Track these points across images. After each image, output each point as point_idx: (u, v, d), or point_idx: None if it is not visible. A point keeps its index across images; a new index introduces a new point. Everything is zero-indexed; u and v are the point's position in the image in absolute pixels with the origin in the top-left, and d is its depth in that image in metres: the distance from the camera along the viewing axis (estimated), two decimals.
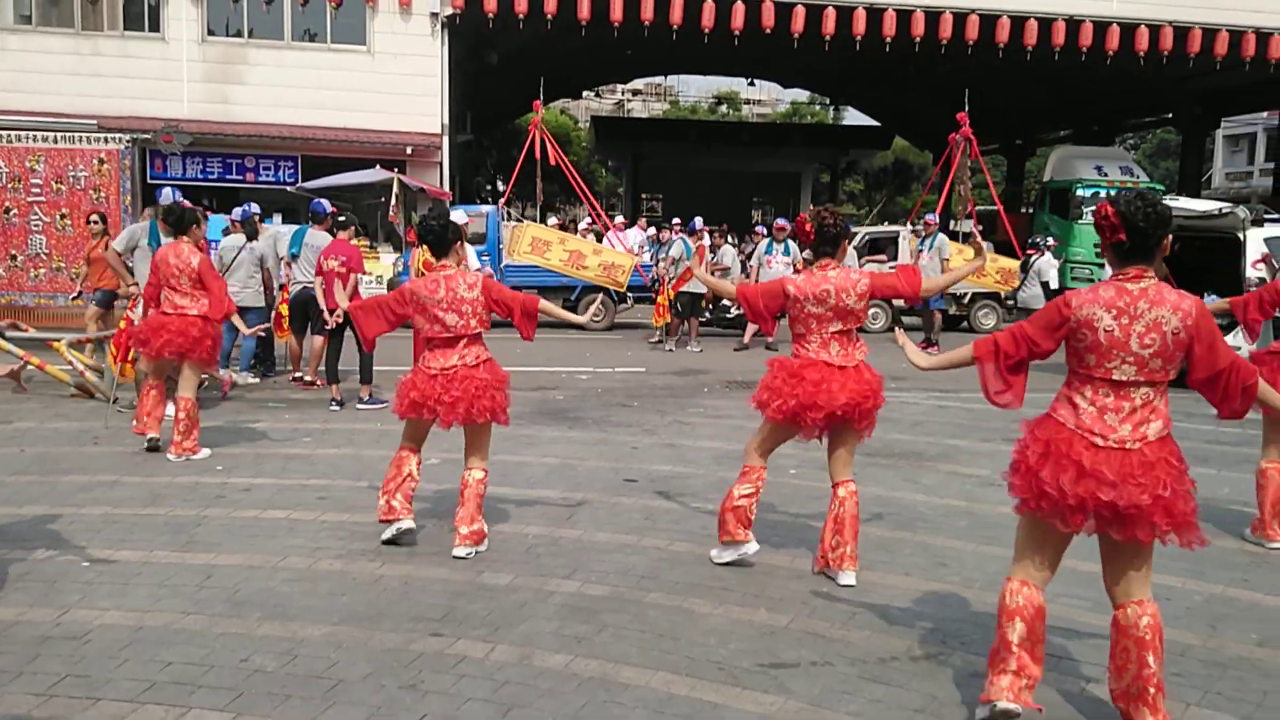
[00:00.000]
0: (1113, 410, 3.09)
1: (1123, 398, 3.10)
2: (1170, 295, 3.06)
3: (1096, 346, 3.09)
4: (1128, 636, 3.13)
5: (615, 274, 15.67)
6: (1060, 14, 20.30)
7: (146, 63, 19.08)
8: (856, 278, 4.64)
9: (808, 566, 4.84)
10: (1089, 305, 3.08)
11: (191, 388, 6.83)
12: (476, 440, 5.01)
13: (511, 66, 26.02)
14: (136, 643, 3.78)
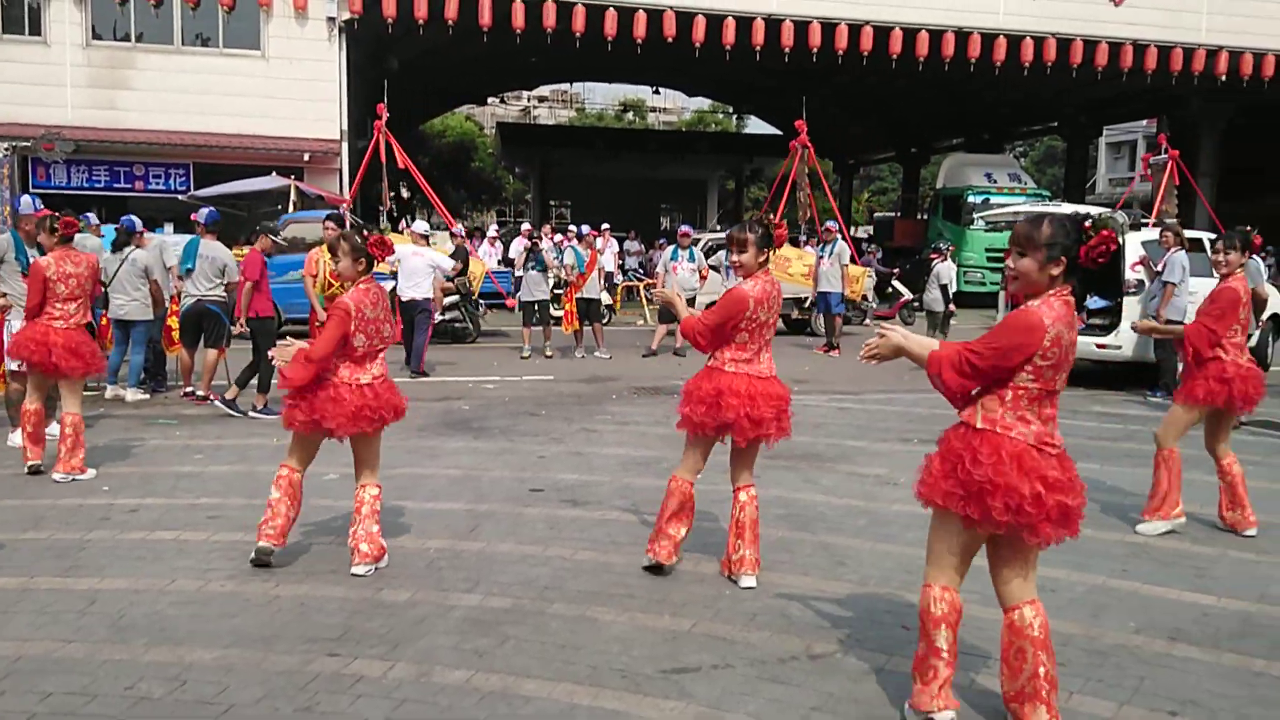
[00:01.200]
0: (1054, 420, 3.22)
1: (1056, 406, 3.25)
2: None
3: (1062, 362, 3.18)
4: (1023, 637, 3.21)
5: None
6: (950, 26, 21.01)
7: (26, 67, 18.28)
8: (776, 284, 4.78)
9: (711, 570, 4.89)
10: (1056, 324, 3.13)
11: (78, 403, 6.54)
12: (370, 453, 4.90)
13: (414, 72, 25.70)
14: (14, 674, 3.61)
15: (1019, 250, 3.18)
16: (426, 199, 46.80)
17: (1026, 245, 3.15)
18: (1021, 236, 3.17)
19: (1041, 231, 3.13)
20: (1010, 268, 3.21)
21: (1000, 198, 23.18)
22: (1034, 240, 3.13)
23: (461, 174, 44.17)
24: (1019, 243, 3.18)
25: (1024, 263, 3.15)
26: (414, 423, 8.65)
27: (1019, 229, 3.20)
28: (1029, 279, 3.16)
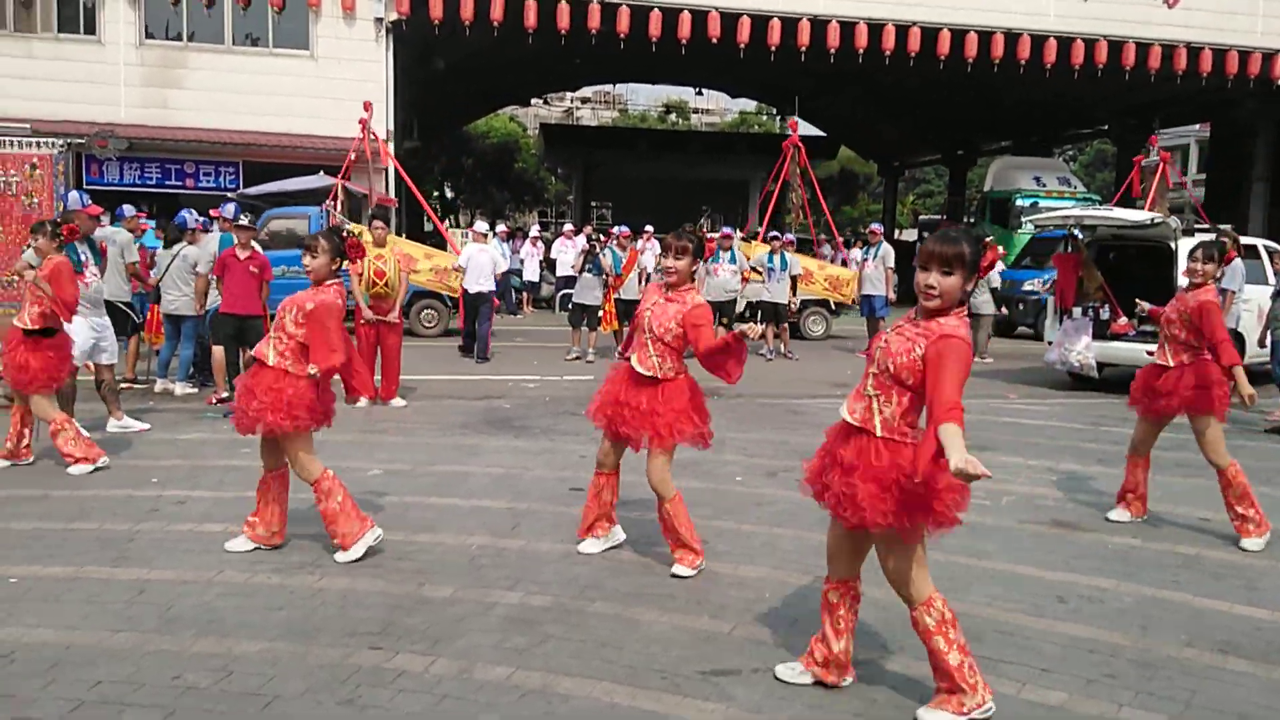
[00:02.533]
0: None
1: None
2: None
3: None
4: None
5: (447, 279, 15.16)
6: (999, 28, 20.74)
7: (82, 66, 18.65)
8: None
9: (750, 573, 4.86)
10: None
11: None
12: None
13: (459, 73, 25.91)
14: (64, 662, 3.67)
15: (944, 269, 3.19)
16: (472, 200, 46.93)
17: (954, 263, 3.18)
18: (949, 255, 3.19)
19: (966, 249, 3.19)
20: (930, 286, 3.21)
21: (1049, 201, 22.83)
22: (961, 258, 3.18)
23: (505, 175, 44.43)
24: (945, 261, 3.19)
25: (950, 281, 3.19)
26: (455, 420, 8.74)
27: (942, 247, 3.20)
28: (951, 296, 3.21)
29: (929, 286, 3.21)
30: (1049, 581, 4.86)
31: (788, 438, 8.24)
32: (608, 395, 4.92)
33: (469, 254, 12.95)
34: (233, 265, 8.76)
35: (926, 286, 3.22)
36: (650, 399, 4.74)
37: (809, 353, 14.62)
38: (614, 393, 4.88)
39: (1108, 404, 9.83)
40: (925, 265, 3.22)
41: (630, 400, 4.78)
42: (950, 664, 3.33)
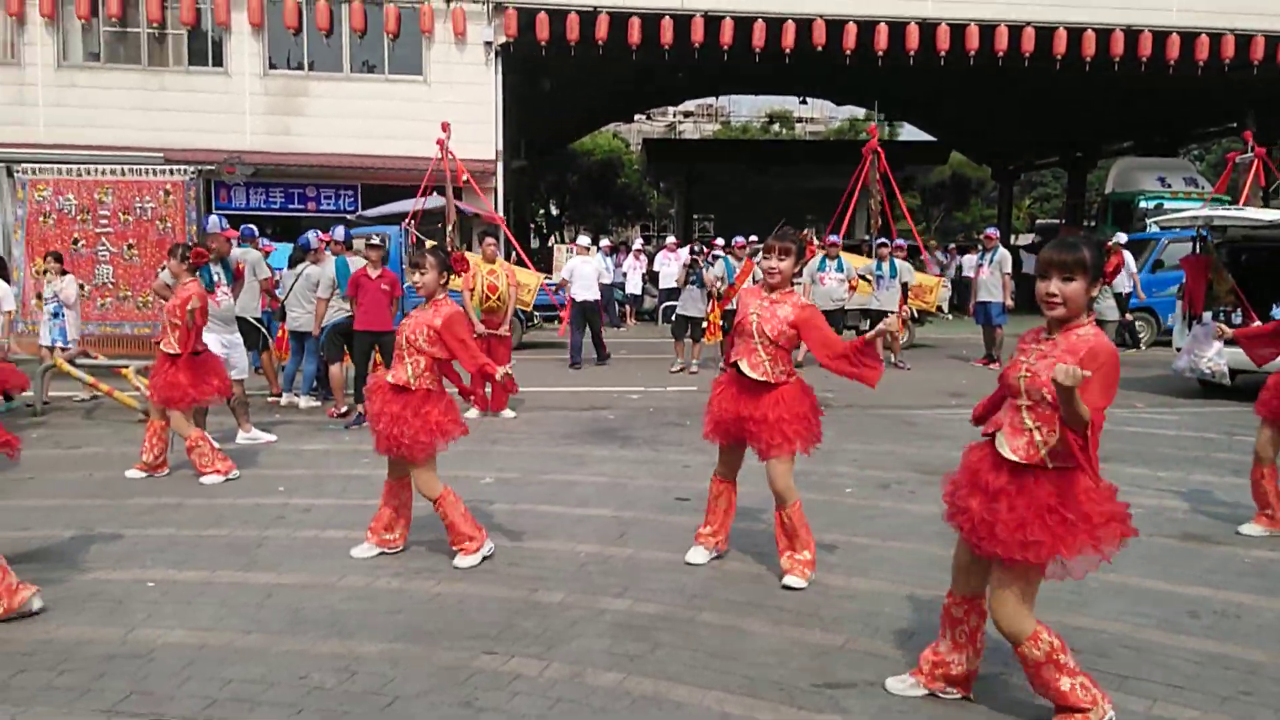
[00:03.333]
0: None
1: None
2: None
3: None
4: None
5: (520, 293, 15.30)
6: (1118, 24, 19.99)
7: (210, 96, 19.68)
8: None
9: (863, 587, 4.77)
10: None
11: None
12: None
13: (564, 92, 26.33)
14: (199, 661, 3.86)
15: (1065, 275, 3.10)
16: (576, 216, 47.56)
17: (1074, 269, 3.09)
18: (1068, 261, 3.10)
19: (1086, 254, 3.10)
20: (1051, 294, 3.12)
21: (1175, 203, 21.81)
22: (1082, 264, 3.09)
23: (608, 190, 44.92)
24: (1065, 267, 3.10)
25: (1073, 287, 3.10)
26: (562, 431, 8.86)
27: (1060, 254, 3.12)
28: (1076, 304, 3.11)
29: (1050, 295, 3.11)
30: (1181, 596, 4.63)
31: (901, 449, 8.07)
32: (723, 412, 4.80)
33: (572, 266, 14.04)
34: (365, 284, 9.12)
35: (1048, 295, 3.12)
36: (771, 407, 4.63)
37: (922, 361, 14.29)
38: (729, 408, 4.76)
39: (1241, 412, 9.31)
40: (1044, 273, 3.13)
41: (750, 413, 4.66)
42: (1063, 689, 3.22)
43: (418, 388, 4.95)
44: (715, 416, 4.86)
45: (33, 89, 19.24)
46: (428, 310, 5.03)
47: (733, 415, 4.75)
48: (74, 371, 9.15)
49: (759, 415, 4.64)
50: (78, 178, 11.92)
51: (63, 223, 11.75)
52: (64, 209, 11.76)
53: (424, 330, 4.95)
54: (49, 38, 19.26)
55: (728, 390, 4.82)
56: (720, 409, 4.82)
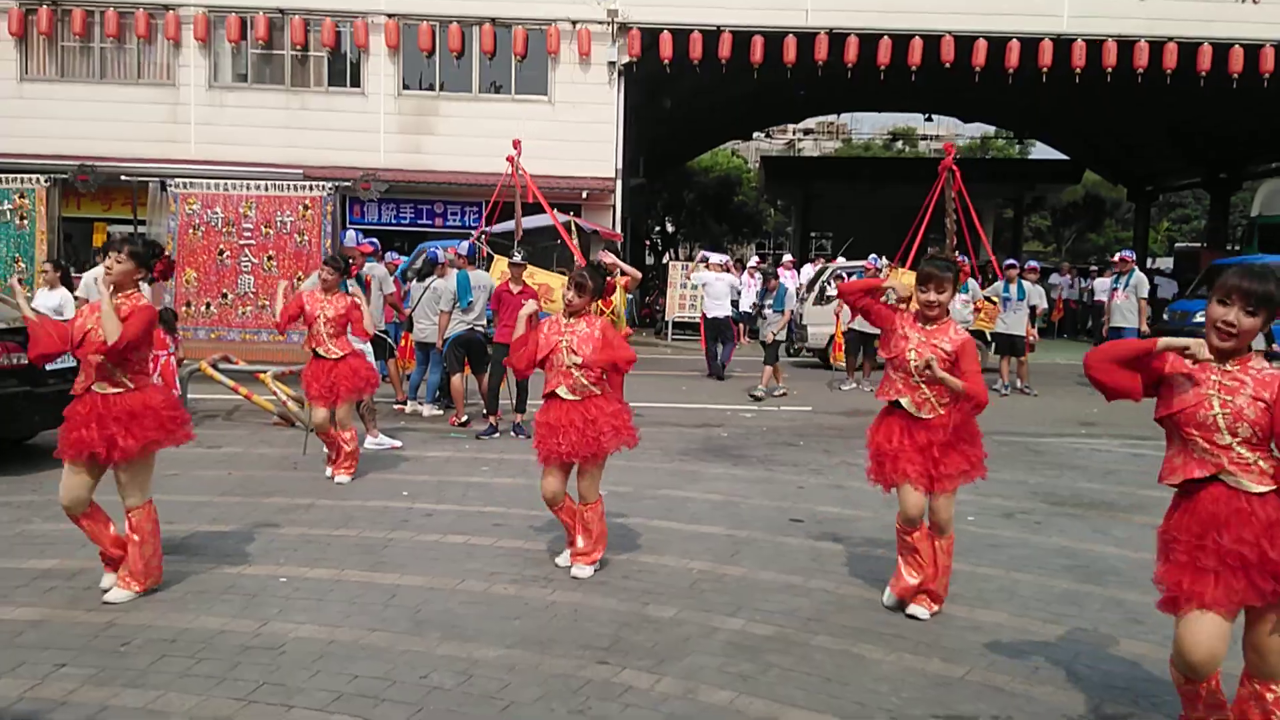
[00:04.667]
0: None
1: None
2: None
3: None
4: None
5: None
6: (1268, 40, 18.94)
7: (348, 116, 20.56)
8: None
9: (986, 618, 4.62)
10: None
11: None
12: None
13: (684, 110, 26.50)
14: (327, 655, 4.02)
15: (1249, 308, 2.91)
16: (691, 233, 47.63)
17: (1260, 304, 2.91)
18: (1257, 293, 2.90)
19: (1275, 290, 2.91)
20: (1229, 323, 2.93)
21: None
22: (1270, 300, 2.90)
23: (724, 208, 44.90)
24: (1252, 299, 2.90)
25: (1251, 322, 2.92)
26: (676, 446, 8.88)
27: (1250, 284, 2.91)
28: (1248, 339, 2.95)
29: (1228, 324, 2.93)
30: None
31: (1026, 478, 7.80)
32: (896, 453, 4.52)
33: (704, 280, 14.60)
34: (506, 299, 9.35)
35: (1224, 323, 2.94)
36: (954, 440, 4.46)
37: (1051, 388, 13.77)
38: (904, 450, 4.50)
39: None
40: (1226, 299, 2.94)
41: (934, 441, 4.45)
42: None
43: (602, 393, 5.19)
44: (886, 459, 4.58)
45: (185, 108, 20.48)
46: (580, 324, 5.18)
47: (914, 459, 4.48)
48: (217, 375, 9.66)
49: (938, 441, 4.45)
50: (224, 192, 12.61)
51: (210, 234, 12.45)
52: (211, 222, 12.45)
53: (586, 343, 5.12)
54: (202, 60, 20.48)
55: (895, 431, 4.55)
56: (889, 451, 4.55)
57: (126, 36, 20.29)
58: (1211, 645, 2.96)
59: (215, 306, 12.42)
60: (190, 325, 12.15)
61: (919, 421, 4.48)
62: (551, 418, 5.11)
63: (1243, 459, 2.95)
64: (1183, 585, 3.00)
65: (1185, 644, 2.97)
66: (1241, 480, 2.94)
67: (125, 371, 4.59)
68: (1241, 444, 2.95)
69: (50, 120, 19.86)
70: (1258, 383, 2.92)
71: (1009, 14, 19.47)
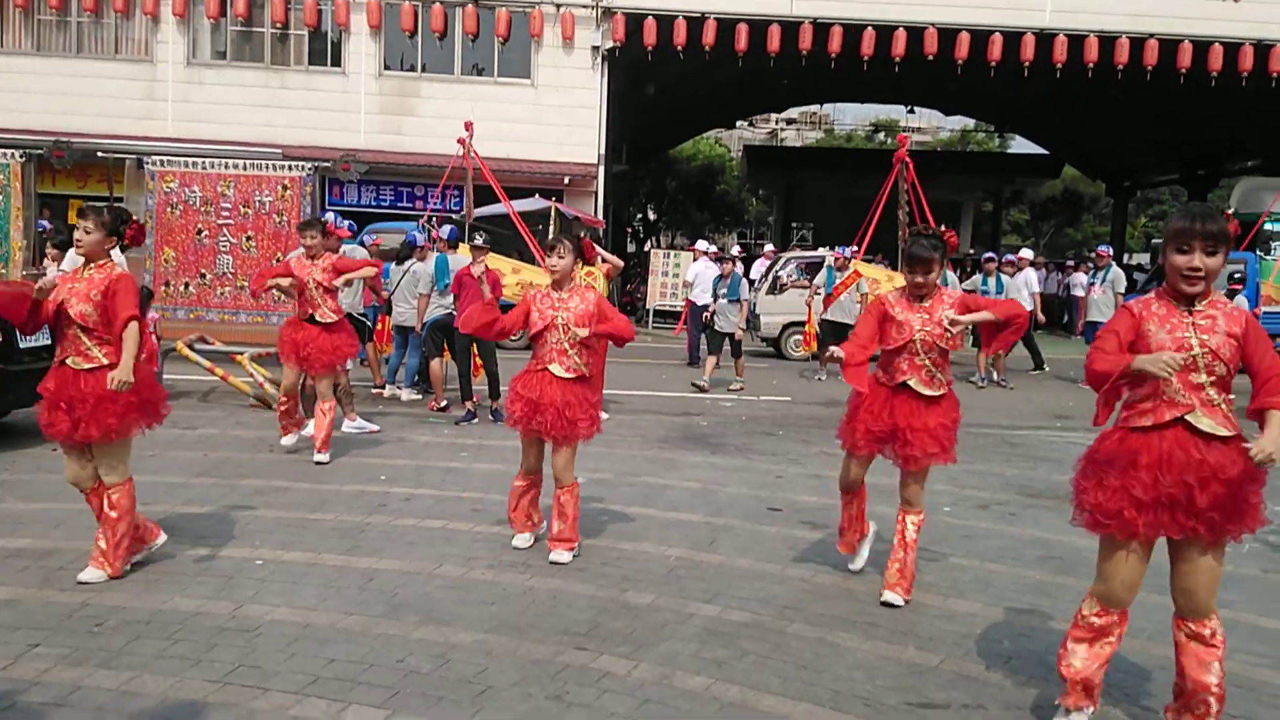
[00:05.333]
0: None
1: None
2: None
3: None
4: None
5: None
6: (1247, 39, 19.12)
7: (328, 95, 20.39)
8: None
9: (960, 608, 4.67)
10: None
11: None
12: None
13: (667, 97, 26.43)
14: (303, 638, 4.00)
15: (1209, 249, 3.02)
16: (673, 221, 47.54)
17: (1219, 241, 3.01)
18: (1214, 231, 3.00)
19: (1227, 226, 3.02)
20: (1196, 268, 3.03)
21: None
22: (1226, 236, 3.01)
23: (706, 197, 44.88)
24: (1211, 239, 3.00)
25: (1215, 261, 3.03)
26: (655, 434, 8.90)
27: (1206, 224, 3.00)
28: (1214, 279, 3.07)
29: (1194, 269, 3.03)
30: None
31: (1001, 470, 7.87)
32: (877, 422, 4.57)
33: (696, 270, 14.68)
34: (468, 283, 9.25)
35: (1190, 269, 3.03)
36: (934, 415, 4.52)
37: (1027, 381, 13.90)
38: (885, 419, 4.55)
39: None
40: (1185, 247, 3.04)
41: (910, 423, 4.50)
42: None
43: (592, 375, 5.24)
44: (866, 425, 4.60)
45: (163, 85, 20.24)
46: (573, 299, 5.14)
47: (888, 426, 4.55)
48: (193, 355, 9.58)
49: (918, 424, 4.49)
50: (202, 170, 12.47)
51: (188, 213, 12.30)
52: (189, 200, 12.31)
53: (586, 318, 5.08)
54: (180, 36, 20.23)
55: (883, 401, 4.60)
56: (872, 419, 4.59)
57: (104, 11, 20.01)
58: (1134, 574, 3.21)
59: (194, 286, 12.29)
60: (169, 305, 12.03)
61: (925, 398, 4.53)
62: (535, 393, 5.05)
63: (1210, 401, 3.08)
64: (1113, 510, 3.14)
65: (1109, 572, 3.23)
66: (1204, 420, 3.06)
67: (100, 344, 4.50)
68: (1213, 384, 3.07)
69: (25, 95, 19.58)
70: (1228, 318, 3.07)
71: (992, 7, 19.56)
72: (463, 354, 9.54)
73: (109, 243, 4.61)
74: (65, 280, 4.58)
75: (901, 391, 4.57)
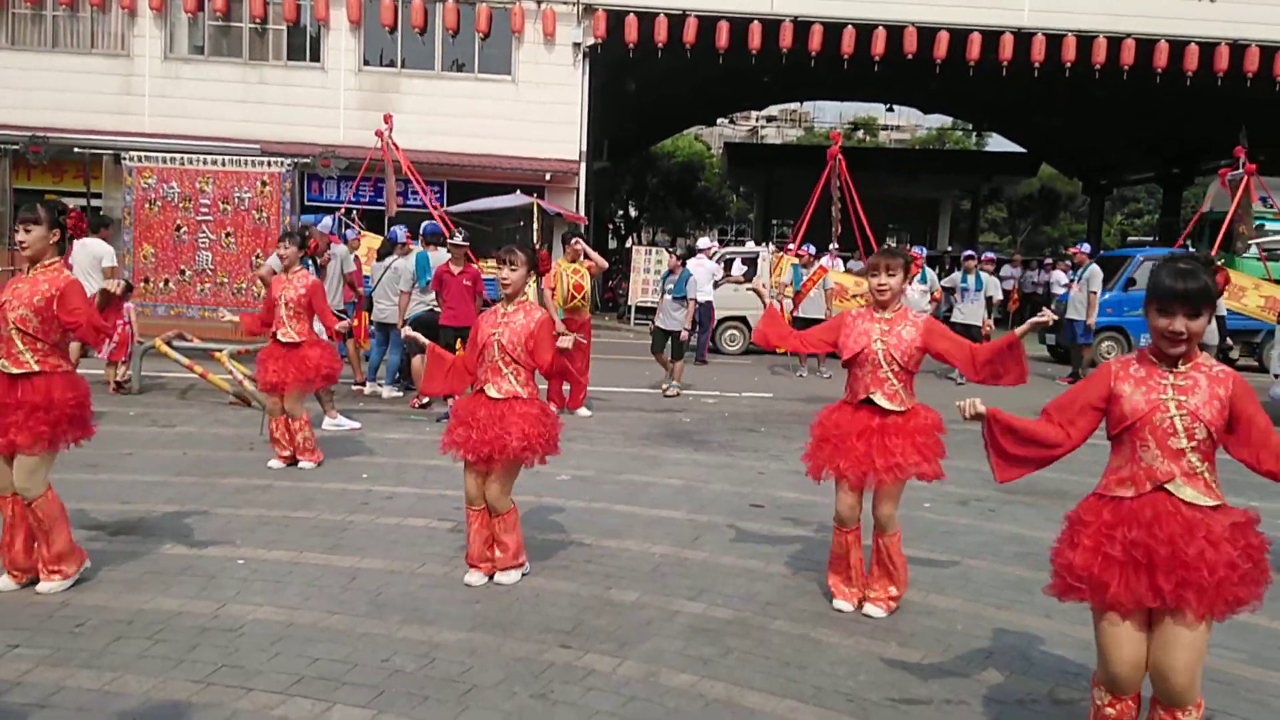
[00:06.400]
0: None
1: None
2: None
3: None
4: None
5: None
6: (1223, 38, 19.33)
7: (307, 91, 20.25)
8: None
9: (941, 603, 4.71)
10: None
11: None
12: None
13: (648, 94, 26.43)
14: (286, 638, 3.99)
15: (1191, 312, 2.80)
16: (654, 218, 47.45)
17: (1203, 304, 2.80)
18: (1196, 294, 2.79)
19: (1212, 283, 2.82)
20: (1178, 331, 2.80)
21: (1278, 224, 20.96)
22: (1210, 297, 2.82)
23: (687, 194, 44.95)
24: (1192, 302, 2.79)
25: (1198, 324, 2.82)
26: (638, 431, 8.91)
27: (1188, 287, 2.79)
28: (1197, 339, 2.85)
29: (1174, 333, 2.82)
30: (1273, 631, 4.47)
31: (980, 466, 7.87)
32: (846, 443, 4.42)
33: (691, 267, 14.34)
34: (448, 280, 9.24)
35: (1171, 333, 2.82)
36: (910, 422, 4.39)
37: None
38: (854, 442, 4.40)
39: None
40: (1168, 310, 2.82)
41: (885, 436, 4.36)
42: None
43: (529, 395, 4.73)
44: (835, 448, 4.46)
45: (140, 80, 20.03)
46: (518, 315, 4.75)
47: (861, 454, 4.37)
48: (171, 353, 9.50)
49: (891, 432, 4.35)
50: (181, 166, 12.37)
51: (166, 210, 12.21)
52: (168, 196, 12.21)
53: (522, 340, 4.67)
54: (157, 30, 20.03)
55: (848, 423, 4.46)
56: (841, 440, 4.44)
57: (79, 4, 19.79)
58: (1134, 652, 2.88)
59: (173, 283, 12.21)
60: (149, 301, 11.94)
61: (883, 412, 4.40)
62: (468, 416, 4.68)
63: (1192, 469, 2.86)
64: (1082, 571, 2.92)
65: (1106, 651, 2.91)
66: (1186, 491, 2.86)
67: (31, 350, 4.29)
68: (1194, 451, 2.86)
69: (0, 90, 19.33)
70: (1212, 380, 2.87)
71: (971, 7, 19.70)
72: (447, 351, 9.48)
73: (52, 236, 4.40)
74: (11, 281, 4.45)
75: (864, 407, 4.44)
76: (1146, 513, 2.87)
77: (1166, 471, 2.87)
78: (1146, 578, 2.82)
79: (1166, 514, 2.85)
